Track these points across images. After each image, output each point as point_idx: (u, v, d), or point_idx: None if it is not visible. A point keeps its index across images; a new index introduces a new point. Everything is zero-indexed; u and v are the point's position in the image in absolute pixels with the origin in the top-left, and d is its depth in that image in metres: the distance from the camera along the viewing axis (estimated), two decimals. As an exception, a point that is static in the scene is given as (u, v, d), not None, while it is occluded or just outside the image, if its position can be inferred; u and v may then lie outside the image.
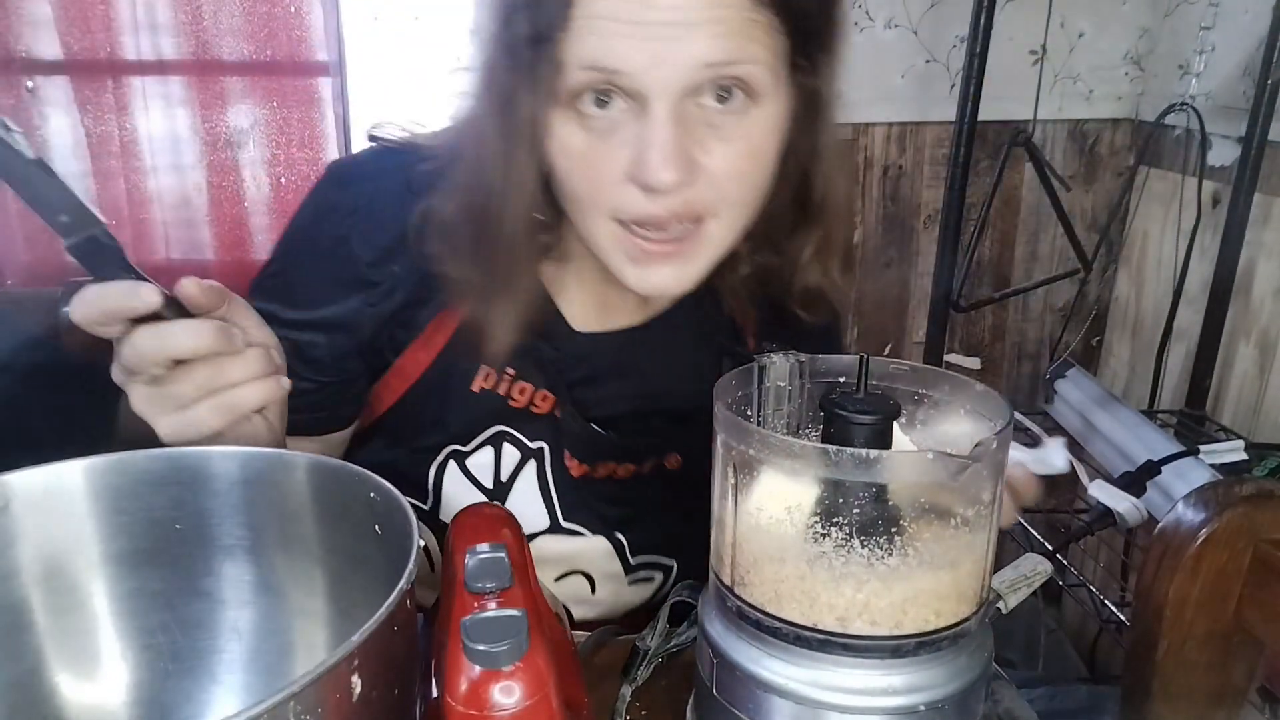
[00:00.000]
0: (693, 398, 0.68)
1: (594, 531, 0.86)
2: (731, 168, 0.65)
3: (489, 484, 0.83)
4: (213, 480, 0.58)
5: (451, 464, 0.82)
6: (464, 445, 0.82)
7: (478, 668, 0.43)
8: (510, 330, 0.73)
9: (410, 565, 0.46)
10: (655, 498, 0.87)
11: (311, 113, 1.68)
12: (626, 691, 0.65)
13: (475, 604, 0.47)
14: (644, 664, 0.67)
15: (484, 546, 0.51)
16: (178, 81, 1.64)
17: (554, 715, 0.44)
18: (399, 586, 0.44)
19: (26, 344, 1.19)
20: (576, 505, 0.85)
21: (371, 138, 0.79)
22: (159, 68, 1.63)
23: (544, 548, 0.85)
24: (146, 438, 0.60)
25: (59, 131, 1.62)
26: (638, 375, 0.84)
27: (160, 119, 1.65)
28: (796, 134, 0.71)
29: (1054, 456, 0.69)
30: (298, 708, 0.37)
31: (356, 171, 0.79)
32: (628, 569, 0.88)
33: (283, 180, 1.71)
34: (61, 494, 0.56)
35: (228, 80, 1.65)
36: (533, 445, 0.82)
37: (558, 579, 0.87)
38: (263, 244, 1.75)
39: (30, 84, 1.60)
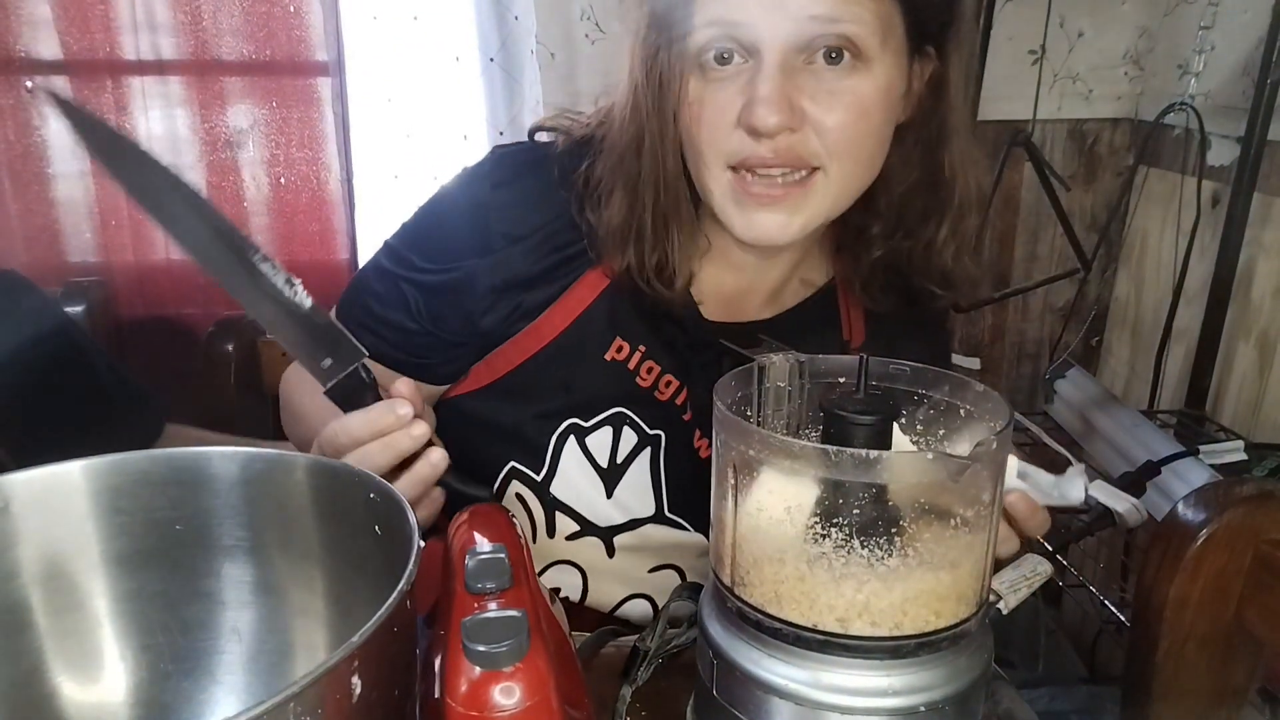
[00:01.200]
0: None
1: (696, 527, 0.88)
2: (837, 119, 0.70)
3: (604, 464, 0.85)
4: (213, 481, 0.58)
5: (571, 439, 0.85)
6: (585, 420, 0.84)
7: (478, 668, 0.43)
8: (687, 262, 0.79)
9: (410, 565, 0.46)
10: None
11: (311, 112, 1.68)
12: (627, 692, 0.65)
13: (475, 604, 0.47)
14: (644, 665, 0.67)
15: (484, 546, 0.51)
16: (177, 81, 1.64)
17: (554, 716, 0.44)
18: (399, 587, 0.44)
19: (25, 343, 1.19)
20: (684, 496, 0.87)
21: (533, 133, 0.86)
22: (158, 68, 1.62)
23: (647, 535, 0.87)
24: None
25: (58, 131, 1.61)
26: None
27: (160, 119, 1.65)
28: (920, 115, 0.77)
29: (1070, 489, 0.66)
30: (298, 709, 0.37)
31: (514, 152, 0.85)
32: None
33: (282, 180, 1.71)
34: (61, 494, 0.56)
35: (227, 80, 1.64)
36: (651, 432, 0.85)
37: (652, 570, 0.90)
38: (262, 243, 1.74)
39: (30, 84, 1.59)
